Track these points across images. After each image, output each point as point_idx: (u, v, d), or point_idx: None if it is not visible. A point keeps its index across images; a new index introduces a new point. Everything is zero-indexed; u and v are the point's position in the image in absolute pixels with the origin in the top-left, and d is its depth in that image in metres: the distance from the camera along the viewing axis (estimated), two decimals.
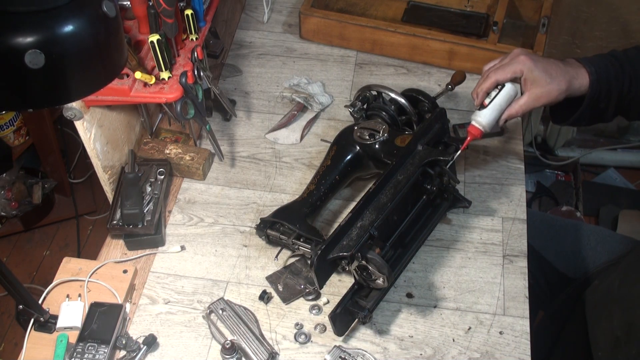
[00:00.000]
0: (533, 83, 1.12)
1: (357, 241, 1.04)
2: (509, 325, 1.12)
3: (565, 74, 1.12)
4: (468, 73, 1.56)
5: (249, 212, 1.30)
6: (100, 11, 0.72)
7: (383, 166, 1.20)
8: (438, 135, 1.22)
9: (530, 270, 1.17)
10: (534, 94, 1.12)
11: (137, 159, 1.31)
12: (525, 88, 1.14)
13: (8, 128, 2.17)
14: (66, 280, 1.16)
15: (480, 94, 1.16)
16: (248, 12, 1.74)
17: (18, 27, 0.66)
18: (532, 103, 1.13)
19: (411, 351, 1.09)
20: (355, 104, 1.29)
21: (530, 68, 1.11)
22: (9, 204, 2.27)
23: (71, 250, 2.38)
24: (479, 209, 1.29)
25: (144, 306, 1.15)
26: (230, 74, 1.57)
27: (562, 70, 1.12)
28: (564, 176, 2.46)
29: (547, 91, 1.11)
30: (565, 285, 1.40)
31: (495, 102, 1.15)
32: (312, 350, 1.09)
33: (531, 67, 1.11)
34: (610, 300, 1.18)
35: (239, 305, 1.13)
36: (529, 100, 1.13)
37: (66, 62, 0.70)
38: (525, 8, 1.66)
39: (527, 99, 1.13)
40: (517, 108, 1.15)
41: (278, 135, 1.43)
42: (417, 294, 1.17)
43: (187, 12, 1.21)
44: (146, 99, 1.15)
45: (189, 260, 1.22)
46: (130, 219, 1.19)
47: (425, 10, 1.67)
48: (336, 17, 1.59)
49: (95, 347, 1.04)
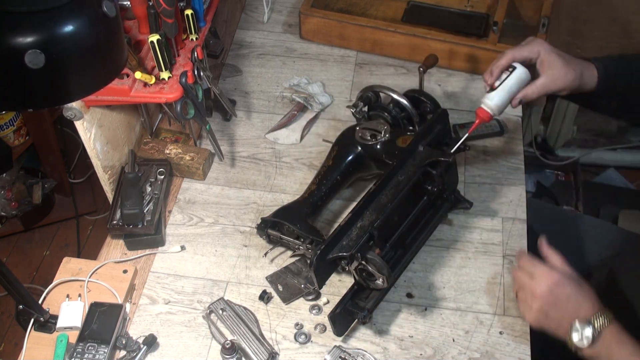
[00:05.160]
0: (550, 64, 1.11)
1: (357, 241, 1.04)
2: (509, 325, 1.12)
3: (577, 62, 1.13)
4: (468, 73, 1.56)
5: (249, 212, 1.30)
6: (100, 11, 0.72)
7: (384, 167, 1.20)
8: (439, 136, 1.22)
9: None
10: (551, 75, 1.11)
11: (137, 159, 1.31)
12: (542, 69, 1.12)
13: (8, 128, 2.17)
14: (66, 280, 1.16)
15: (495, 71, 1.14)
16: (248, 12, 1.74)
17: (18, 27, 0.66)
18: (549, 84, 1.12)
19: (411, 351, 1.09)
20: (357, 105, 1.29)
21: (547, 50, 1.11)
22: (9, 204, 2.27)
23: (71, 250, 2.38)
24: (479, 209, 1.29)
25: (144, 306, 1.15)
26: (230, 74, 1.57)
27: (574, 59, 1.13)
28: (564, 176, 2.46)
29: (564, 73, 1.11)
30: None
31: (505, 84, 1.12)
32: (312, 350, 1.09)
33: (548, 49, 1.12)
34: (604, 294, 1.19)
35: (239, 305, 1.13)
36: (546, 81, 1.12)
37: (66, 62, 0.71)
38: (525, 8, 1.66)
39: (544, 80, 1.12)
40: (533, 89, 1.13)
41: (278, 135, 1.43)
42: (417, 294, 1.17)
43: (187, 12, 1.21)
44: (146, 99, 1.15)
45: (189, 260, 1.22)
46: (130, 219, 1.19)
47: (425, 10, 1.67)
48: (336, 17, 1.59)
49: (95, 347, 1.04)
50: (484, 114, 1.15)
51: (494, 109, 1.14)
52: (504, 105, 1.14)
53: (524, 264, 1.04)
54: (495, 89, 1.13)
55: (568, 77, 1.11)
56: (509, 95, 1.13)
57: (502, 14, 1.56)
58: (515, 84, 1.13)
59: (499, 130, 1.44)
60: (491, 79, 1.14)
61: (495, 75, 1.14)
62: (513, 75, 1.12)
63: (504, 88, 1.12)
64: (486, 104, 1.14)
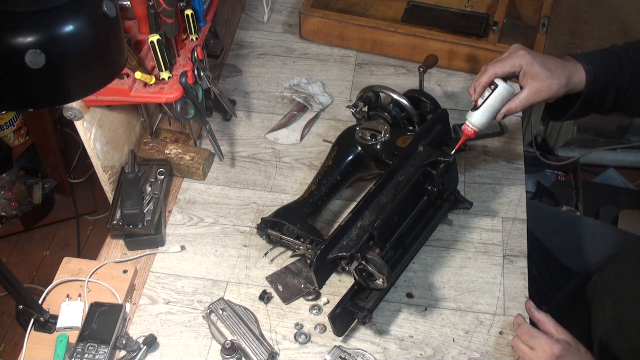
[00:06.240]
0: (533, 77, 1.10)
1: (357, 241, 1.04)
2: (509, 325, 1.12)
3: (564, 69, 1.10)
4: (468, 73, 1.56)
5: (249, 212, 1.30)
6: (100, 11, 0.72)
7: (384, 167, 1.20)
8: (439, 136, 1.22)
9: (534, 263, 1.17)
10: (534, 87, 1.10)
11: (137, 159, 1.31)
12: (525, 82, 1.11)
13: (8, 128, 2.17)
14: (66, 280, 1.16)
15: (477, 89, 1.14)
16: (248, 12, 1.74)
17: (18, 27, 0.66)
18: (532, 97, 1.11)
19: (411, 351, 1.09)
20: (357, 105, 1.29)
21: (529, 62, 1.10)
22: (9, 204, 2.27)
23: (71, 250, 2.38)
24: (479, 209, 1.29)
25: (144, 306, 1.15)
26: (230, 74, 1.57)
27: (560, 65, 1.11)
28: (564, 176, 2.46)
29: (547, 85, 1.09)
30: (569, 279, 1.41)
31: (487, 103, 1.13)
32: (312, 350, 1.09)
33: (530, 61, 1.10)
34: (605, 294, 1.19)
35: (239, 305, 1.13)
36: (529, 94, 1.11)
37: (66, 62, 0.71)
38: (525, 8, 1.66)
39: (527, 93, 1.11)
40: (517, 103, 1.12)
41: (278, 135, 1.43)
42: (417, 294, 1.17)
43: (187, 12, 1.21)
44: (146, 99, 1.15)
45: (189, 260, 1.22)
46: (130, 219, 1.19)
47: (425, 10, 1.67)
48: (336, 17, 1.59)
49: (95, 347, 1.04)
50: (468, 131, 1.16)
51: (478, 127, 1.15)
52: (487, 122, 1.15)
53: (522, 335, 1.04)
54: (479, 107, 1.14)
55: (552, 88, 1.09)
56: (491, 113, 1.14)
57: (502, 14, 1.56)
58: (498, 102, 1.13)
59: (499, 131, 1.44)
60: (474, 95, 1.14)
61: (479, 93, 1.14)
62: (494, 94, 1.13)
63: (487, 107, 1.14)
64: (470, 122, 1.16)
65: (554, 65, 1.10)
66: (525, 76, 1.11)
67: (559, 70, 1.10)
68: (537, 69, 1.09)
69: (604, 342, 1.14)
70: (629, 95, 1.13)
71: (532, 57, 1.10)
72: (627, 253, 1.19)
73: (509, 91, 1.13)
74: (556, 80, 1.09)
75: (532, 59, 1.10)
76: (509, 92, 1.13)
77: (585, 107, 1.15)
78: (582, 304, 1.30)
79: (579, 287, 1.35)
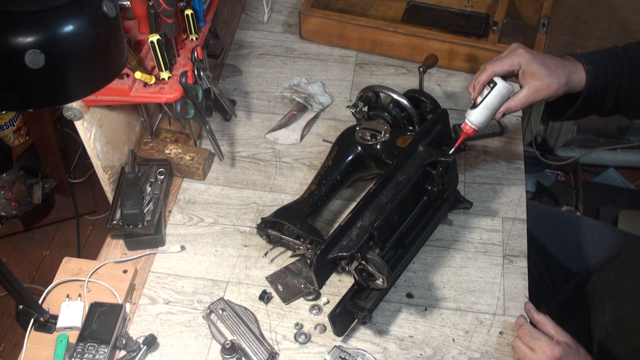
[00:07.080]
0: (532, 76, 1.10)
1: (357, 241, 1.04)
2: (509, 325, 1.12)
3: (563, 68, 1.10)
4: (468, 73, 1.56)
5: (249, 212, 1.30)
6: (100, 11, 0.72)
7: (384, 167, 1.20)
8: (439, 136, 1.22)
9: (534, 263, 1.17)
10: (533, 86, 1.10)
11: (137, 159, 1.31)
12: (524, 81, 1.11)
13: (8, 128, 2.17)
14: (66, 280, 1.16)
15: (477, 87, 1.13)
16: (248, 12, 1.74)
17: (18, 27, 0.66)
18: (531, 96, 1.10)
19: (411, 351, 1.09)
20: (357, 105, 1.29)
21: (528, 61, 1.09)
22: (9, 204, 2.27)
23: (71, 250, 2.38)
24: (479, 209, 1.29)
25: (144, 306, 1.15)
26: (230, 74, 1.57)
27: (560, 64, 1.10)
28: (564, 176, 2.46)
29: (546, 84, 1.09)
30: (568, 280, 1.41)
31: (486, 101, 1.13)
32: (312, 350, 1.09)
33: (529, 59, 1.09)
34: (605, 294, 1.19)
35: (239, 305, 1.13)
36: (528, 93, 1.10)
37: (66, 62, 0.70)
38: (525, 8, 1.66)
39: (527, 91, 1.11)
40: (516, 101, 1.12)
41: (278, 135, 1.43)
42: (417, 294, 1.17)
43: (187, 12, 1.21)
44: (146, 99, 1.15)
45: (189, 260, 1.22)
46: (130, 219, 1.19)
47: (425, 10, 1.67)
48: (336, 17, 1.59)
49: (95, 347, 1.04)
50: (468, 130, 1.16)
51: (477, 125, 1.15)
52: (486, 120, 1.15)
53: (523, 336, 1.05)
54: (478, 105, 1.14)
55: (551, 87, 1.09)
56: (490, 111, 1.14)
57: (502, 14, 1.56)
58: (497, 100, 1.13)
59: (499, 131, 1.44)
60: (474, 94, 1.14)
61: (478, 91, 1.14)
62: (493, 92, 1.12)
63: (485, 105, 1.13)
64: (469, 120, 1.16)
65: (554, 64, 1.10)
66: (525, 75, 1.11)
67: (558, 70, 1.10)
68: (536, 67, 1.09)
69: (604, 343, 1.14)
70: (629, 96, 1.13)
71: (532, 55, 1.10)
72: (627, 253, 1.19)
73: (508, 89, 1.12)
74: (555, 79, 1.09)
75: (531, 57, 1.10)
76: (508, 91, 1.13)
77: (585, 108, 1.15)
78: (582, 305, 1.30)
79: (579, 287, 1.35)
